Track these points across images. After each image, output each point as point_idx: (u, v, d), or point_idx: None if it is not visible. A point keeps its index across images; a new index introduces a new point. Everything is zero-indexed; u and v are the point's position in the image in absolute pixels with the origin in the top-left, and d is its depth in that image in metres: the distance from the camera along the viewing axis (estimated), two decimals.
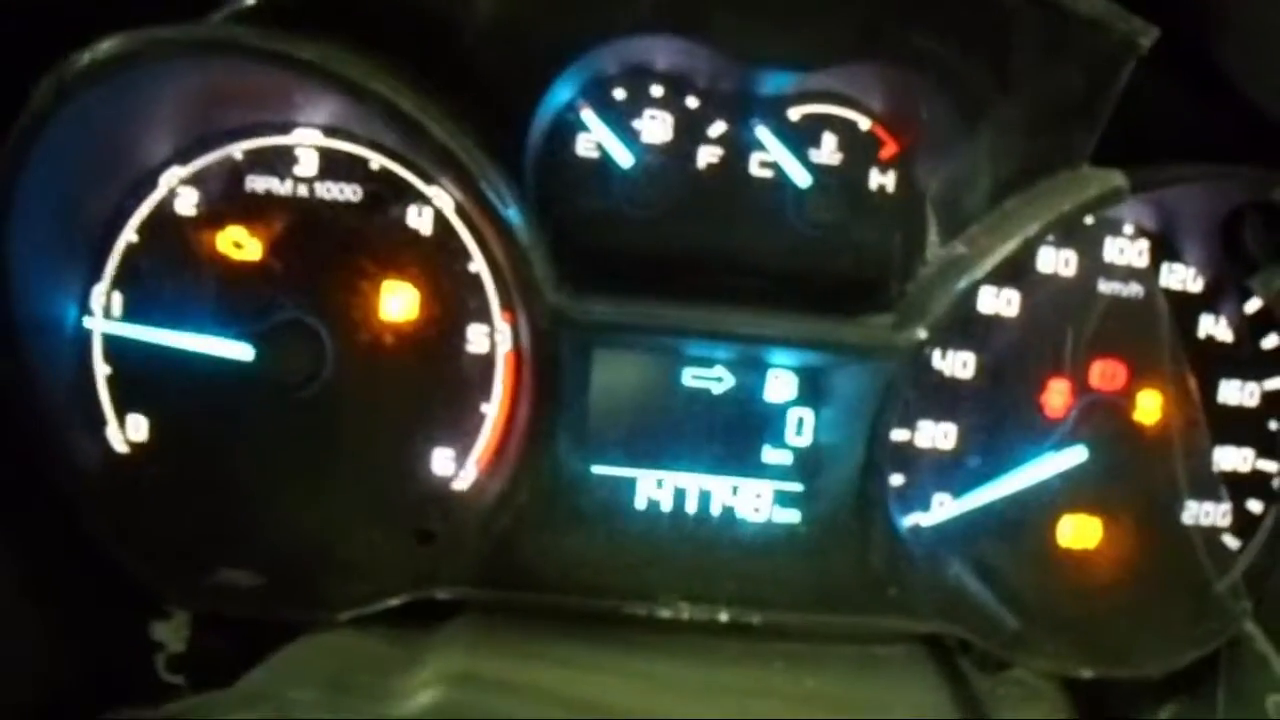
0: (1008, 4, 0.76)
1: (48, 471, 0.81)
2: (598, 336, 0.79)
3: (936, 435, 0.85)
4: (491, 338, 0.82)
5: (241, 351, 0.81)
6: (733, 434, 0.83)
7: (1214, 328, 0.89)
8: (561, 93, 0.78)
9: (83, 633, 0.81)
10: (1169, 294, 0.88)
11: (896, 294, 0.81)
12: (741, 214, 0.82)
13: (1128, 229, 0.85)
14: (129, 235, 0.82)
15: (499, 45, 0.76)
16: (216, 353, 0.82)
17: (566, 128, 0.80)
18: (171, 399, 0.83)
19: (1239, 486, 0.90)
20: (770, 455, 0.83)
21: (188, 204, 0.82)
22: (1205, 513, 0.89)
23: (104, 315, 0.82)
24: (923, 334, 0.78)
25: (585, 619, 0.81)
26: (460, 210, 0.80)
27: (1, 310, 0.77)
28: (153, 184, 0.82)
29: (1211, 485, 0.89)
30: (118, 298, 0.82)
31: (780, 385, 0.82)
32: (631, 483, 0.83)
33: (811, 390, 0.81)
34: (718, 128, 0.81)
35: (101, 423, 0.83)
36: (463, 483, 0.83)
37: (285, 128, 0.82)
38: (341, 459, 0.83)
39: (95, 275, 0.82)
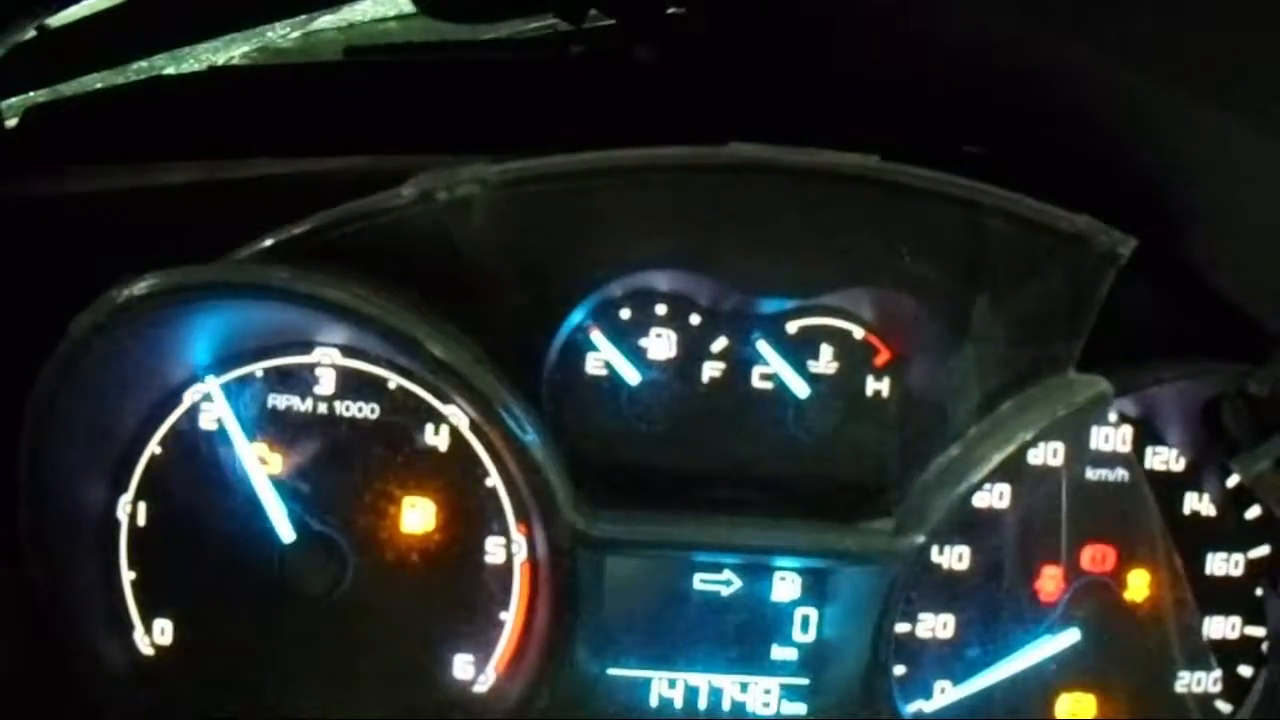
0: (990, 226, 0.80)
1: (76, 677, 0.83)
2: (612, 549, 0.82)
3: (936, 626, 0.89)
4: (508, 549, 0.85)
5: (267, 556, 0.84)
6: (741, 634, 0.86)
7: (1198, 504, 0.93)
8: (574, 318, 0.82)
9: None
10: (1153, 474, 0.92)
11: (896, 498, 0.84)
12: (744, 425, 0.86)
13: (1111, 417, 0.89)
14: (153, 448, 0.85)
15: (514, 280, 0.80)
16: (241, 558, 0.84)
17: (577, 349, 0.84)
18: (196, 603, 0.86)
19: (1228, 653, 0.94)
20: (777, 652, 0.86)
21: (211, 419, 0.85)
22: (1197, 680, 0.93)
23: (129, 524, 0.84)
24: (922, 539, 0.82)
25: None
26: (475, 427, 0.83)
27: (36, 524, 0.80)
28: (177, 400, 0.84)
29: (1202, 654, 0.93)
30: (142, 506, 0.85)
31: (786, 586, 0.85)
32: (646, 683, 0.86)
33: (816, 590, 0.85)
34: (720, 343, 0.85)
35: (129, 625, 0.86)
36: (483, 686, 0.87)
37: (306, 347, 0.85)
38: (365, 664, 0.86)
39: (121, 487, 0.85)
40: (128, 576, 0.85)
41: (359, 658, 0.86)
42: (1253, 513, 0.93)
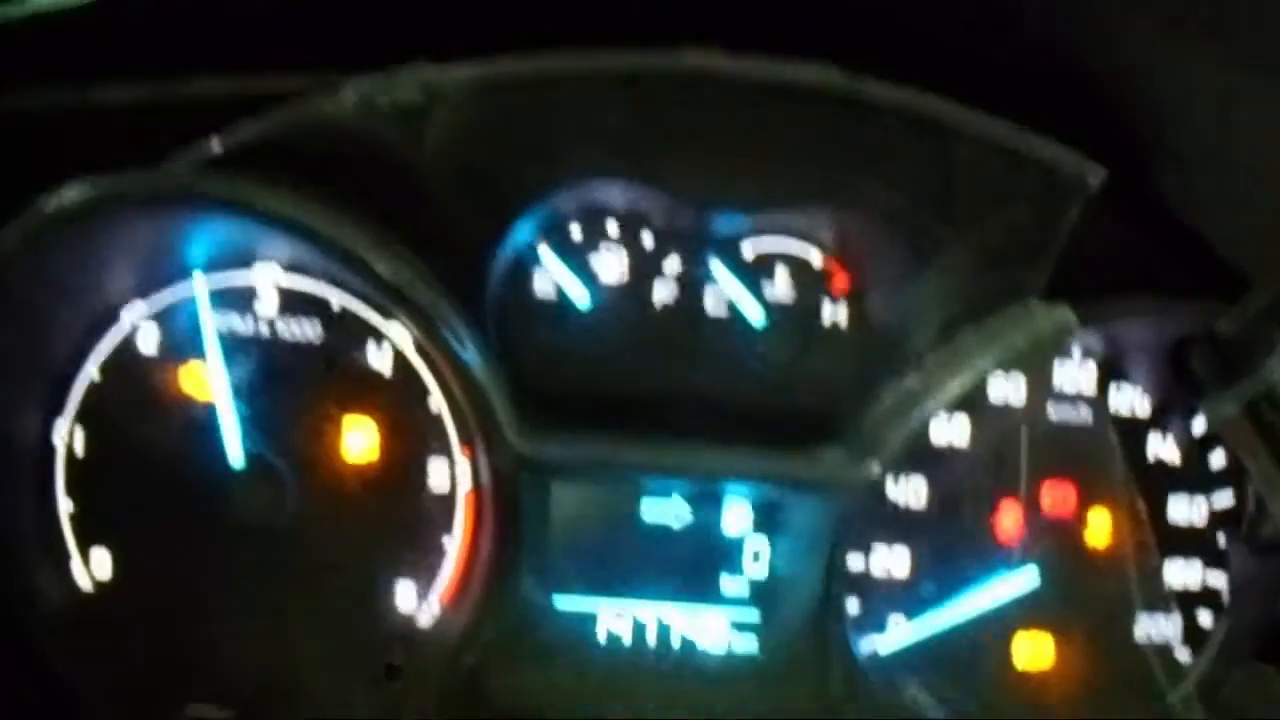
0: (958, 152, 0.78)
1: (12, 608, 0.81)
2: (558, 474, 0.80)
3: (891, 561, 0.87)
4: (452, 474, 0.83)
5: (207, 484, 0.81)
6: (691, 565, 0.84)
7: (1162, 448, 0.91)
8: (521, 233, 0.79)
9: None
10: (1118, 417, 0.90)
11: (851, 427, 0.82)
12: (698, 351, 0.84)
13: (1075, 354, 0.87)
14: (92, 373, 0.82)
15: (459, 190, 0.77)
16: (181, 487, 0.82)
17: (524, 267, 0.82)
18: (135, 535, 0.84)
19: (1189, 601, 0.92)
20: (728, 585, 0.84)
21: (150, 342, 0.82)
22: (1157, 627, 0.91)
23: (66, 451, 0.82)
24: (877, 468, 0.80)
25: None
26: (419, 348, 0.81)
27: None
28: (114, 319, 0.82)
29: (1162, 600, 0.91)
30: (80, 434, 0.82)
31: (737, 517, 0.83)
32: (593, 617, 0.84)
33: (767, 521, 0.83)
34: (673, 265, 0.82)
35: (65, 558, 0.83)
36: (426, 618, 0.84)
37: (246, 262, 0.82)
38: (305, 594, 0.84)
39: (56, 410, 0.82)
40: (65, 506, 0.83)
41: (299, 588, 0.84)
42: (1217, 459, 0.91)
